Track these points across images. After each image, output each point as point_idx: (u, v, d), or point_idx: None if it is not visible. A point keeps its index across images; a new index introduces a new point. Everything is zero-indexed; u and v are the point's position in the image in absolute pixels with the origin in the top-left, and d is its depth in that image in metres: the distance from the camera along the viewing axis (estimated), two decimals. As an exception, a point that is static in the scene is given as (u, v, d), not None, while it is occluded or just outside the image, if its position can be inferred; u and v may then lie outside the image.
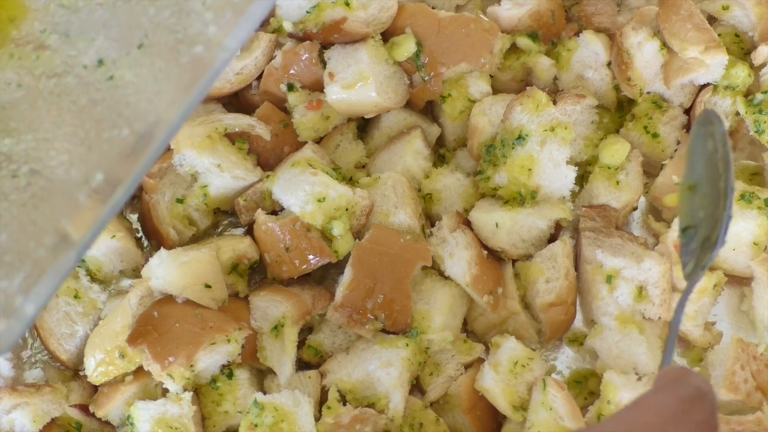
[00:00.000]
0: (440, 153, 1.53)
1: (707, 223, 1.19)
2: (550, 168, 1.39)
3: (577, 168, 1.41)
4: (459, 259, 1.36)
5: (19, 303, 0.96)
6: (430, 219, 1.46)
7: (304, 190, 1.33)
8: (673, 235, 1.38)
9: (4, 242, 0.99)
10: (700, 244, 1.19)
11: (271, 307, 1.36)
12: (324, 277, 1.46)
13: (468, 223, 1.41)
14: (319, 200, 1.33)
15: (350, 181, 1.44)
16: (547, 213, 1.40)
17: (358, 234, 1.38)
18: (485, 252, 1.40)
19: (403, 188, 1.39)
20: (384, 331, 1.34)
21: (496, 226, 1.38)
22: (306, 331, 1.40)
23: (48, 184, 1.02)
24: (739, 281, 1.45)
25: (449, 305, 1.36)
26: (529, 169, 1.38)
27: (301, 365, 1.38)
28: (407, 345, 1.31)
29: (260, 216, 1.37)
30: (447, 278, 1.38)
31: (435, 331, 1.34)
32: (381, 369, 1.30)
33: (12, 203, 1.02)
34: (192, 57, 1.02)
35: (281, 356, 1.33)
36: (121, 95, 1.03)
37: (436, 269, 1.40)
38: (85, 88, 1.05)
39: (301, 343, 1.38)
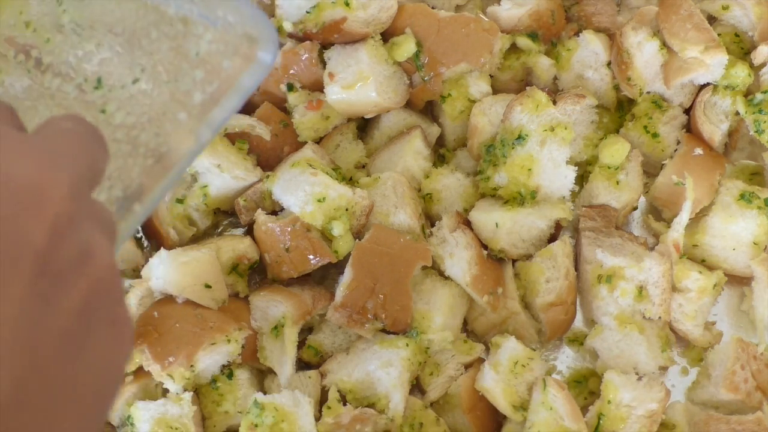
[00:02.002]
0: (440, 153, 1.53)
1: None
2: (550, 168, 1.39)
3: (577, 168, 1.41)
4: (459, 259, 1.36)
5: None
6: (430, 219, 1.46)
7: (304, 191, 1.33)
8: (673, 235, 1.38)
9: None
10: None
11: (271, 307, 1.36)
12: (324, 277, 1.46)
13: (468, 223, 1.41)
14: (319, 200, 1.33)
15: (350, 181, 1.44)
16: (547, 213, 1.40)
17: (358, 234, 1.38)
18: (485, 252, 1.40)
19: (403, 188, 1.39)
20: (384, 331, 1.34)
21: (496, 226, 1.38)
22: (306, 331, 1.40)
23: None
24: (739, 281, 1.45)
25: (449, 305, 1.36)
26: (529, 169, 1.38)
27: (301, 365, 1.38)
28: (407, 345, 1.31)
29: (260, 216, 1.37)
30: (447, 278, 1.38)
31: (435, 331, 1.34)
32: (381, 369, 1.30)
33: None
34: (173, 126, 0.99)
35: (281, 356, 1.33)
36: (109, 134, 1.00)
37: (436, 269, 1.40)
38: (81, 107, 1.03)
39: (301, 343, 1.38)
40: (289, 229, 1.34)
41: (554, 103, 1.42)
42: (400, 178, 1.40)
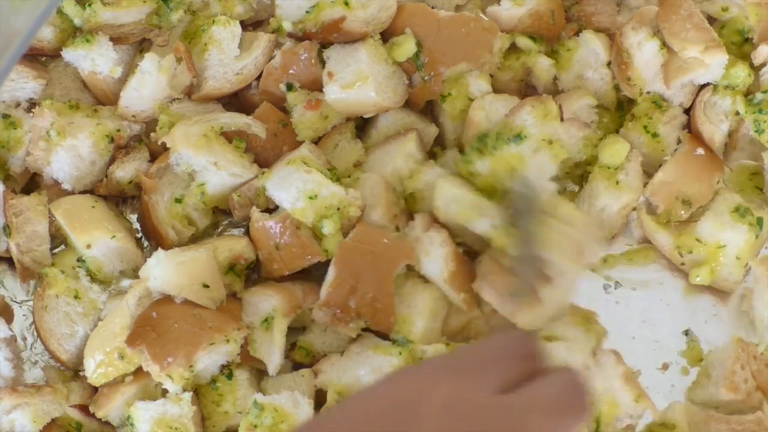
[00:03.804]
0: (433, 152, 1.51)
1: None
2: (534, 176, 1.35)
3: (557, 184, 1.39)
4: (435, 256, 1.34)
5: None
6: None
7: (296, 187, 1.33)
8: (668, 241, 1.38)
9: None
10: None
11: (262, 301, 1.36)
12: (321, 275, 1.46)
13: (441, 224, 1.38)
14: (310, 197, 1.32)
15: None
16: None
17: (347, 234, 1.37)
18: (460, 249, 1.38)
19: (379, 189, 1.38)
20: (369, 330, 1.33)
21: (454, 200, 1.34)
22: (299, 331, 1.40)
23: None
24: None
25: (431, 309, 1.34)
26: (513, 168, 1.36)
27: (294, 366, 1.38)
28: (400, 353, 1.30)
29: (254, 213, 1.37)
30: (428, 282, 1.36)
31: (416, 336, 1.33)
32: (370, 375, 1.29)
33: None
34: None
35: (270, 346, 1.33)
36: None
37: (416, 272, 1.38)
38: None
39: (293, 345, 1.37)
40: (279, 225, 1.34)
41: (560, 107, 1.40)
42: (378, 179, 1.39)
